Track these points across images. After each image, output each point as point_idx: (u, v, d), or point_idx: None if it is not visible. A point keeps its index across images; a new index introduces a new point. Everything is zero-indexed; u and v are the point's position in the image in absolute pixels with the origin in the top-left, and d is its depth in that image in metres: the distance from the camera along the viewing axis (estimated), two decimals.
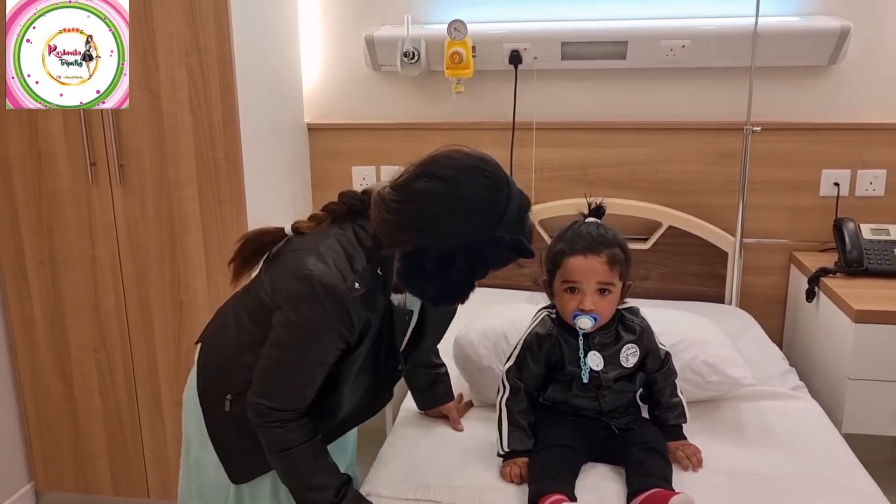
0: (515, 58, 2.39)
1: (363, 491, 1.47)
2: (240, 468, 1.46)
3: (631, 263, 1.53)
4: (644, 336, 1.56)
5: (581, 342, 1.50)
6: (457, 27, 2.27)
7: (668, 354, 1.61)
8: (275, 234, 1.40)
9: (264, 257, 1.41)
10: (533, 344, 1.55)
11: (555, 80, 2.48)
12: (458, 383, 1.80)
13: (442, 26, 2.30)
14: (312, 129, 2.64)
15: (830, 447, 1.63)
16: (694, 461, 1.52)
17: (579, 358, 1.50)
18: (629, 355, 1.53)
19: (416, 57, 2.38)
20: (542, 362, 1.54)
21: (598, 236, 1.49)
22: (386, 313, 1.37)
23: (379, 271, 1.31)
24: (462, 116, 2.53)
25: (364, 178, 2.61)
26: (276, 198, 2.36)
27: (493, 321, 1.83)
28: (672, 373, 1.61)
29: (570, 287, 1.49)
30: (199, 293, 2.20)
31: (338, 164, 2.63)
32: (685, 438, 1.56)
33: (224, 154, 2.09)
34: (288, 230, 1.39)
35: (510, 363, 1.58)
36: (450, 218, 1.21)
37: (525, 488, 1.44)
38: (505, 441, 1.52)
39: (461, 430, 1.68)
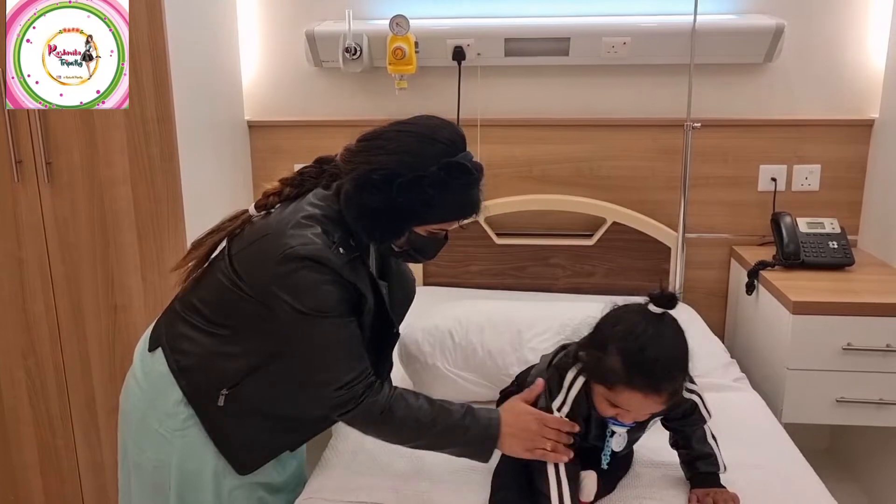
0: (459, 54, 2.38)
1: (305, 496, 1.44)
2: (245, 459, 1.45)
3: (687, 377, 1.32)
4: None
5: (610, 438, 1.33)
6: (399, 22, 2.24)
7: (694, 405, 1.39)
8: (236, 221, 1.40)
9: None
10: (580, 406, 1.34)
11: (499, 76, 2.47)
12: (404, 383, 1.78)
13: (384, 21, 2.27)
14: (253, 127, 2.58)
15: (771, 437, 1.67)
16: None
17: (603, 443, 1.34)
18: (650, 424, 1.39)
19: (358, 53, 2.35)
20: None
21: (666, 363, 1.23)
22: (374, 286, 1.35)
23: (352, 242, 1.31)
24: (405, 113, 2.39)
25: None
26: (215, 196, 2.30)
27: (437, 319, 1.81)
28: (698, 420, 1.40)
29: (615, 412, 1.28)
30: (135, 295, 2.13)
31: (279, 161, 2.57)
32: (720, 486, 1.39)
33: (159, 151, 2.02)
34: (252, 210, 1.40)
35: (566, 409, 1.35)
36: (408, 137, 1.28)
37: (473, 488, 1.42)
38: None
39: None
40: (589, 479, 1.33)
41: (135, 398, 1.45)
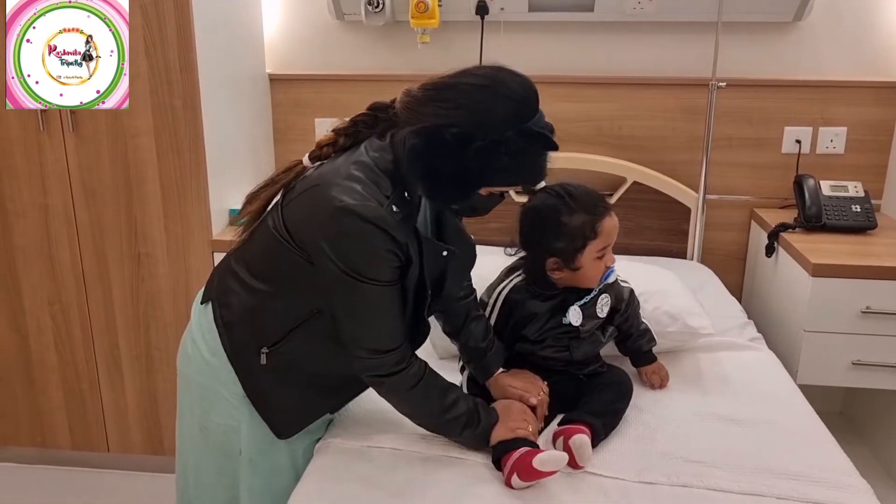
0: (482, 8, 2.35)
1: (324, 440, 1.47)
2: (285, 423, 1.42)
3: None
4: (614, 283, 1.60)
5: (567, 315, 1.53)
6: None
7: (631, 291, 1.65)
8: (289, 173, 1.35)
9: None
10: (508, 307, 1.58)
11: (522, 32, 2.44)
12: None
13: None
14: (274, 80, 2.57)
15: (786, 396, 1.67)
16: (663, 384, 1.65)
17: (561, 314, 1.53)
18: (603, 305, 1.57)
19: (380, 5, 2.33)
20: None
21: (595, 194, 1.51)
22: (418, 245, 1.30)
23: (406, 195, 1.26)
24: (427, 68, 2.42)
25: (328, 130, 2.56)
26: (236, 147, 2.31)
27: None
28: (637, 305, 1.67)
29: (602, 253, 1.50)
30: (158, 244, 2.16)
31: (300, 115, 2.57)
32: (656, 359, 1.67)
33: (182, 101, 2.03)
34: (306, 161, 1.35)
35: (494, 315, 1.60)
36: (482, 94, 1.18)
37: None
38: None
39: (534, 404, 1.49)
40: (584, 446, 1.36)
41: (196, 363, 1.42)
